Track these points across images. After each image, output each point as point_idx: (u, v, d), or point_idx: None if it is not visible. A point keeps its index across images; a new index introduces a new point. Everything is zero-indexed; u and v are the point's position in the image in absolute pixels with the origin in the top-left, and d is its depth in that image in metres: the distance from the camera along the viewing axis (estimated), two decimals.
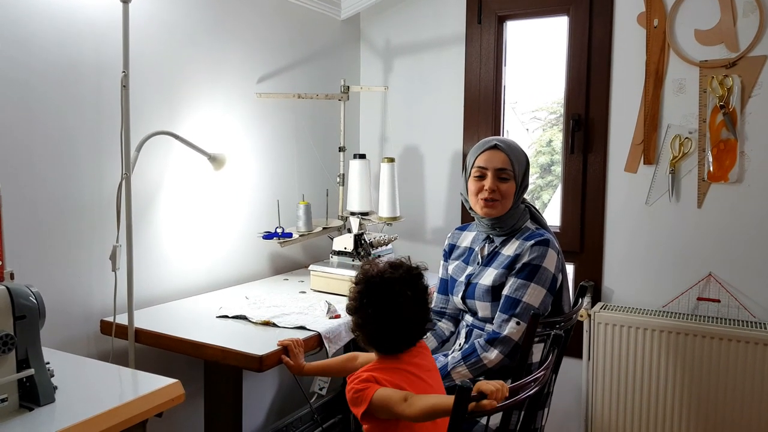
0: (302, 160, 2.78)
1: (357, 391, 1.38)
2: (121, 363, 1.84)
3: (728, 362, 2.26)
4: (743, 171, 2.34)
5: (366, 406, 1.34)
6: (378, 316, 1.43)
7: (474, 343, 1.82)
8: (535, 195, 3.35)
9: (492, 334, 1.81)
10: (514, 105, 3.29)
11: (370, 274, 1.46)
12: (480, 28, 2.81)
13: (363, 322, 1.45)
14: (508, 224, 1.93)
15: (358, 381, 1.40)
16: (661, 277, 2.50)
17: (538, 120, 3.35)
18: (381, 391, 1.35)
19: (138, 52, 2.00)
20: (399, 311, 1.42)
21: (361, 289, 1.46)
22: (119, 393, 1.32)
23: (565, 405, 2.65)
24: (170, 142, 2.05)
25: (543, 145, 3.31)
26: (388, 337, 1.44)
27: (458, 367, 1.80)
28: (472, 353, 1.80)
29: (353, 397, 1.38)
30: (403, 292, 1.43)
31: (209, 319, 1.93)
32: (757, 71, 2.30)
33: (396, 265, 1.48)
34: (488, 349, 1.79)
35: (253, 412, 2.57)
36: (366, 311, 1.44)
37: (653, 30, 2.45)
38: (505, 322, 1.80)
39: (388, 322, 1.42)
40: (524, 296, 1.80)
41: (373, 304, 1.43)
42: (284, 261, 2.71)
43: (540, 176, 3.43)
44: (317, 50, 2.83)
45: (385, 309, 1.42)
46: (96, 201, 1.91)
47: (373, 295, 1.44)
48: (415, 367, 1.45)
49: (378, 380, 1.38)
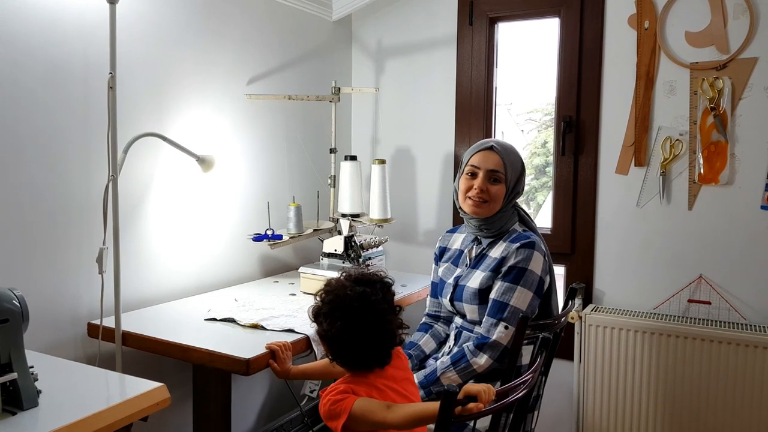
0: (293, 162, 2.77)
1: (334, 402, 1.32)
2: (108, 366, 1.84)
3: (719, 365, 2.26)
4: (734, 173, 2.34)
5: (345, 417, 1.29)
6: (347, 334, 1.36)
7: (463, 348, 1.82)
8: (530, 196, 3.34)
9: (481, 339, 1.80)
10: (510, 106, 3.29)
11: (336, 291, 1.39)
12: (471, 29, 2.81)
13: (331, 339, 1.39)
14: (496, 226, 1.92)
15: (335, 393, 1.35)
16: (652, 279, 2.49)
17: (533, 121, 3.35)
18: (361, 401, 1.31)
19: (126, 53, 1.99)
20: (368, 328, 1.36)
21: (328, 307, 1.39)
22: (104, 397, 1.31)
23: (556, 407, 2.64)
24: (159, 143, 2.04)
25: (538, 146, 3.30)
26: (359, 355, 1.38)
27: (447, 372, 1.80)
28: (461, 358, 1.80)
29: (330, 410, 1.32)
30: (370, 308, 1.36)
31: (197, 322, 1.92)
32: (748, 73, 2.30)
33: (360, 280, 1.41)
34: (477, 354, 1.78)
35: (243, 414, 2.56)
36: (333, 329, 1.37)
37: (644, 32, 2.45)
38: (493, 326, 1.79)
39: (357, 341, 1.35)
40: (511, 300, 1.79)
41: (341, 321, 1.36)
42: (274, 263, 2.70)
43: (535, 177, 3.42)
44: (308, 51, 2.82)
45: (354, 327, 1.35)
46: (84, 203, 1.90)
47: (339, 311, 1.37)
48: (389, 380, 1.40)
49: (356, 392, 1.35)
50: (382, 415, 1.28)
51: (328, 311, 1.39)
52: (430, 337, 2.05)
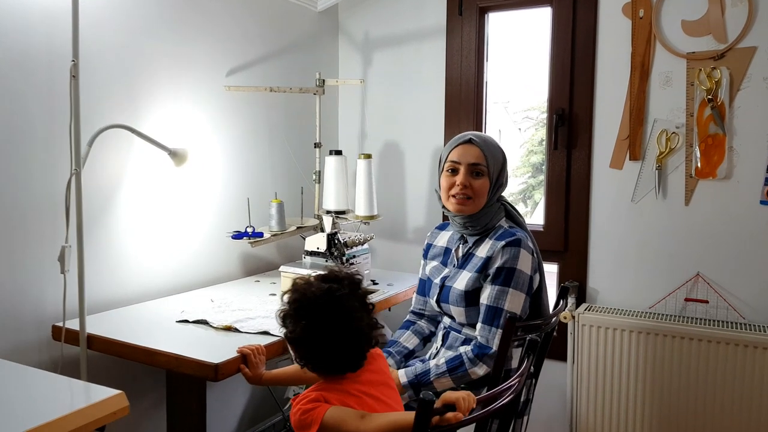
0: (275, 157, 2.67)
1: (305, 412, 1.23)
2: (73, 372, 1.74)
3: (717, 365, 2.17)
4: (732, 167, 2.25)
5: (316, 428, 1.20)
6: (313, 335, 1.26)
7: (462, 355, 1.72)
8: (527, 194, 3.29)
9: (482, 349, 1.71)
10: (507, 104, 3.24)
11: (301, 289, 1.30)
12: (461, 19, 2.71)
13: (297, 342, 1.29)
14: (481, 223, 1.83)
15: (306, 401, 1.25)
16: (647, 278, 2.41)
17: (530, 119, 3.29)
18: (333, 410, 1.22)
19: (95, 41, 1.89)
20: (335, 327, 1.26)
21: (292, 307, 1.30)
22: (52, 406, 1.20)
23: (549, 410, 2.56)
24: (131, 136, 1.94)
25: (535, 144, 3.25)
26: (327, 358, 1.28)
27: (442, 378, 1.70)
28: (459, 366, 1.70)
29: (300, 420, 1.22)
30: (336, 305, 1.27)
31: (168, 324, 1.82)
32: (746, 63, 2.21)
33: (327, 277, 1.32)
34: (477, 363, 1.70)
35: (224, 419, 2.46)
36: (297, 329, 1.27)
37: (639, 21, 2.36)
38: (492, 335, 1.71)
39: (324, 342, 1.26)
40: (505, 304, 1.71)
41: (305, 320, 1.27)
42: (256, 262, 2.61)
43: (532, 176, 3.37)
44: (292, 43, 2.72)
45: (320, 326, 1.26)
46: (48, 198, 1.80)
47: (304, 310, 1.28)
48: (365, 385, 1.31)
49: (328, 400, 1.25)
50: (355, 425, 1.19)
51: (293, 311, 1.29)
52: (412, 333, 1.96)
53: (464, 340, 1.80)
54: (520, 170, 3.44)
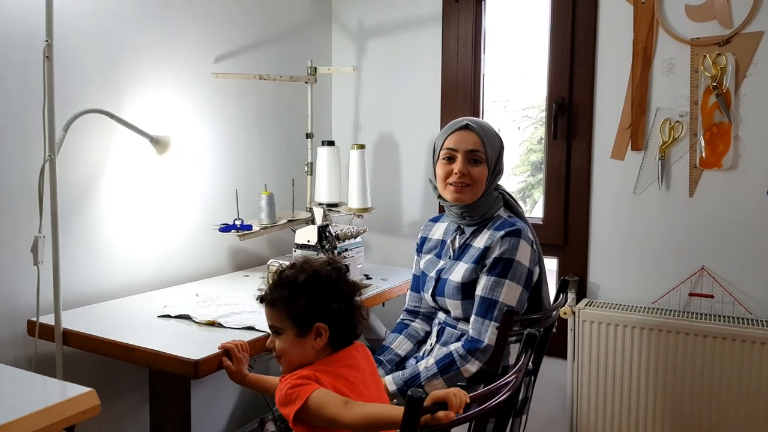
0: (265, 148, 2.59)
1: (293, 386, 1.20)
2: (49, 369, 1.66)
3: (722, 362, 2.10)
4: (738, 156, 2.17)
5: (300, 404, 1.17)
6: (322, 306, 1.31)
7: (452, 353, 1.63)
8: (527, 193, 3.22)
9: (473, 343, 1.62)
10: (506, 103, 3.19)
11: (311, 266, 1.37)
12: (458, 6, 2.63)
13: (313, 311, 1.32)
14: (479, 212, 1.74)
15: (296, 377, 1.23)
16: (650, 272, 2.33)
17: (529, 118, 3.23)
18: (320, 392, 1.18)
19: (75, 24, 1.81)
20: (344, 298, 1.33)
21: (300, 283, 1.35)
22: (19, 404, 1.12)
23: (548, 409, 2.48)
24: (113, 123, 1.85)
25: (534, 142, 3.18)
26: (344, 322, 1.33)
27: (434, 380, 1.61)
28: (451, 365, 1.62)
29: (287, 394, 1.20)
30: (339, 278, 1.35)
31: (150, 320, 1.74)
32: (753, 49, 2.13)
33: (308, 260, 1.40)
34: (469, 359, 1.61)
35: (213, 418, 2.38)
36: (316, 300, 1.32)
37: (641, 6, 2.28)
38: (484, 328, 1.62)
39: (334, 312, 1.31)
40: (500, 296, 1.62)
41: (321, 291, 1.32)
42: (246, 256, 2.52)
43: (531, 174, 3.30)
44: (284, 30, 2.64)
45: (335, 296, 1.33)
46: (21, 186, 1.72)
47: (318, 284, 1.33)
48: (359, 372, 1.29)
49: (320, 380, 1.21)
50: (336, 411, 1.14)
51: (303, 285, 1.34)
52: (405, 338, 1.86)
53: (459, 335, 1.72)
54: (519, 169, 3.38)
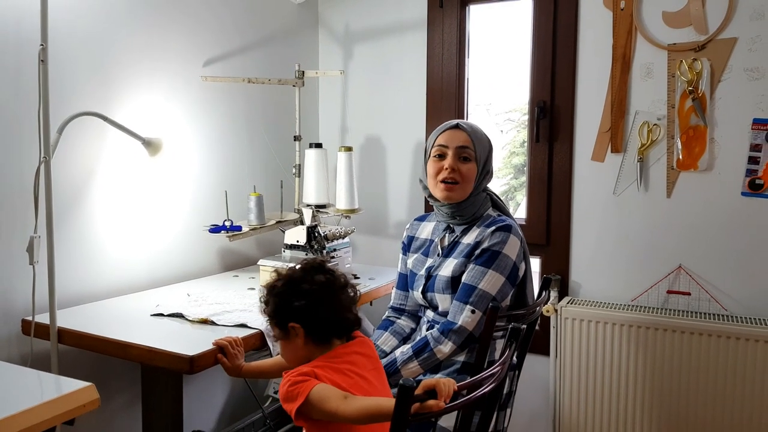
0: (254, 150, 2.62)
1: (294, 383, 1.24)
2: (44, 368, 1.68)
3: (699, 357, 2.17)
4: (713, 158, 2.25)
5: (302, 401, 1.21)
6: (315, 302, 1.37)
7: (426, 336, 1.69)
8: (510, 196, 3.27)
9: (447, 325, 1.68)
10: (489, 106, 3.23)
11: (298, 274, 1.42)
12: (442, 12, 2.69)
13: (308, 310, 1.37)
14: (469, 212, 1.80)
15: (296, 374, 1.27)
16: (629, 270, 2.39)
17: (512, 121, 3.28)
18: (320, 387, 1.23)
19: (68, 28, 1.84)
20: (332, 295, 1.39)
21: (293, 280, 1.41)
22: (21, 398, 1.15)
23: (531, 405, 2.54)
24: (105, 125, 1.89)
25: (517, 145, 3.23)
26: (325, 323, 1.38)
27: (409, 363, 1.67)
28: (424, 347, 1.67)
29: (288, 391, 1.24)
30: (329, 278, 1.40)
31: (143, 318, 1.77)
32: (727, 54, 2.21)
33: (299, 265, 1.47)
34: (442, 340, 1.66)
35: (203, 416, 2.41)
36: (311, 298, 1.37)
37: (620, 12, 2.35)
38: (459, 311, 1.67)
39: (323, 308, 1.37)
40: (481, 283, 1.68)
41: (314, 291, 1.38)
42: (235, 257, 2.56)
43: (514, 177, 3.35)
44: (271, 34, 2.68)
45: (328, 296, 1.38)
46: (16, 187, 1.74)
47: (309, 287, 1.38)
48: (358, 366, 1.33)
49: (318, 376, 1.26)
50: (335, 405, 1.19)
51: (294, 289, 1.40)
52: (391, 334, 1.91)
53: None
54: (502, 171, 3.43)
